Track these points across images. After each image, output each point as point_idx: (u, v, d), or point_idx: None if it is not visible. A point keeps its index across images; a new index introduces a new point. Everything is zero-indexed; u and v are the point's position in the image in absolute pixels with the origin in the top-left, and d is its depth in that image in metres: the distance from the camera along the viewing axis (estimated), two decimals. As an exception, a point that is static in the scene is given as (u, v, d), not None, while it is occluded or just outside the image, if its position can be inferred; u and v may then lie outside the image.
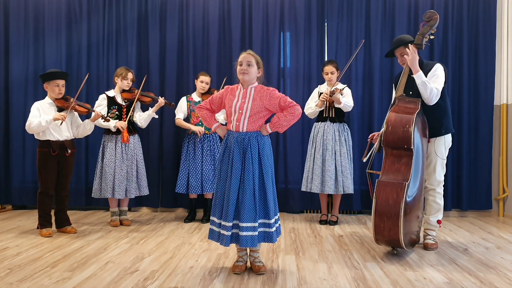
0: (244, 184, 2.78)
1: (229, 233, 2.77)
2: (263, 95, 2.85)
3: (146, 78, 4.65)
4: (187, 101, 4.63)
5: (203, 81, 4.58)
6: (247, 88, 2.88)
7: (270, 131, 2.88)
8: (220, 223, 2.83)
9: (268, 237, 2.84)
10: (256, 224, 2.78)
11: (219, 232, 2.83)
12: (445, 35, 4.98)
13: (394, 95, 3.74)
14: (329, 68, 4.42)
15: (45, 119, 3.83)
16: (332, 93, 4.25)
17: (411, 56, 3.31)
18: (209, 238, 2.91)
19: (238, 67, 2.87)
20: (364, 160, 3.52)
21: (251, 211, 2.77)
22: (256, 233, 2.78)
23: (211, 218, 2.91)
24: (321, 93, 4.47)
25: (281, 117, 2.85)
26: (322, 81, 4.82)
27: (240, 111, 2.83)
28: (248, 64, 2.83)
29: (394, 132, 3.19)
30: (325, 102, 4.38)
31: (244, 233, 2.75)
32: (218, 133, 2.97)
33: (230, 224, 2.77)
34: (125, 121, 4.37)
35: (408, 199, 3.12)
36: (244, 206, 2.76)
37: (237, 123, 2.84)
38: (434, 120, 3.41)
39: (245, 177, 2.78)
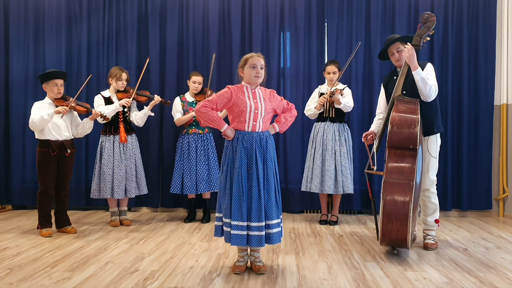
0: (269, 183, 2.84)
1: (263, 232, 2.79)
2: (271, 97, 2.98)
3: (148, 62, 4.70)
4: (181, 101, 4.63)
5: (195, 81, 4.57)
6: (255, 89, 2.93)
7: (278, 131, 3.02)
8: (247, 225, 2.79)
9: (281, 232, 2.94)
10: (279, 220, 2.89)
11: (247, 234, 2.79)
12: (445, 35, 4.98)
13: (382, 94, 3.75)
14: (331, 68, 4.42)
15: (46, 112, 3.83)
16: (332, 94, 4.25)
17: (408, 53, 3.29)
18: (233, 244, 2.79)
19: (250, 69, 2.88)
20: (375, 168, 3.51)
21: (275, 208, 2.85)
22: (280, 228, 2.88)
23: (233, 223, 2.77)
24: (321, 94, 4.47)
25: (288, 118, 3.05)
26: (322, 81, 4.81)
27: (256, 111, 2.86)
28: (261, 67, 2.91)
29: (400, 132, 3.18)
30: (325, 104, 4.38)
31: (274, 230, 2.82)
32: (228, 134, 2.87)
33: (263, 223, 2.79)
34: (121, 121, 4.36)
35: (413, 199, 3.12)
36: (270, 204, 2.82)
37: (254, 123, 2.87)
38: (427, 119, 3.41)
39: (269, 176, 2.85)
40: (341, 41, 5.07)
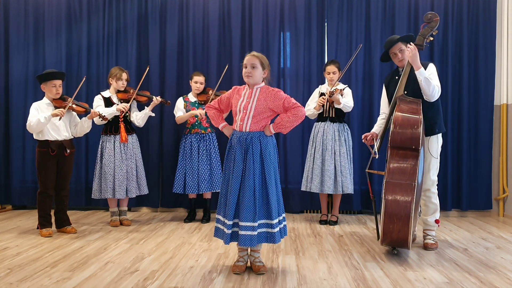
0: (244, 184, 2.80)
1: (229, 231, 2.81)
2: (268, 95, 2.86)
3: (148, 70, 4.69)
4: (184, 101, 4.64)
5: (197, 82, 4.58)
6: (253, 88, 2.91)
7: (273, 132, 2.89)
8: (224, 221, 2.87)
9: (271, 238, 2.84)
10: (256, 224, 2.78)
11: (223, 230, 2.87)
12: (445, 35, 4.98)
13: (384, 95, 3.75)
14: (331, 68, 4.42)
15: (43, 115, 3.82)
16: (331, 94, 4.25)
17: (411, 53, 3.28)
18: (214, 236, 2.96)
19: (243, 69, 2.89)
20: (376, 156, 3.48)
21: (250, 210, 2.78)
22: (255, 233, 2.78)
23: (216, 216, 2.95)
24: (321, 93, 4.47)
25: (284, 118, 2.85)
26: (322, 81, 4.81)
27: (244, 111, 2.85)
28: (253, 67, 2.85)
29: (403, 132, 3.18)
30: (325, 104, 4.38)
31: (243, 232, 2.77)
32: (225, 132, 3.00)
33: (231, 222, 2.80)
34: (121, 121, 4.36)
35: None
36: (243, 205, 2.78)
37: (241, 123, 2.87)
38: (428, 119, 3.41)
39: (246, 176, 2.80)
40: (341, 41, 5.07)
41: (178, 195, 4.99)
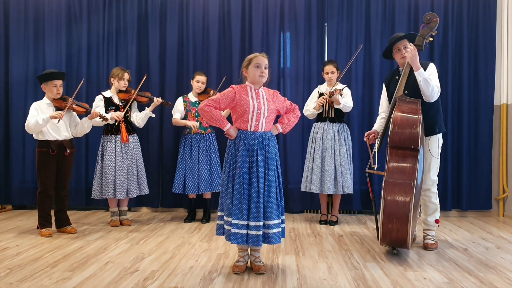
0: (269, 183, 2.84)
1: (261, 232, 2.80)
2: (274, 97, 2.98)
3: (146, 78, 4.64)
4: (184, 101, 4.64)
5: (199, 81, 4.58)
6: (258, 89, 2.94)
7: (280, 131, 3.03)
8: (247, 224, 2.80)
9: (283, 233, 2.94)
10: (280, 221, 2.88)
11: (247, 233, 2.81)
12: (445, 35, 4.98)
13: (384, 94, 3.75)
14: (329, 68, 4.42)
15: (42, 117, 3.82)
16: (331, 94, 4.26)
17: (411, 53, 3.29)
18: (234, 242, 2.80)
19: (255, 69, 2.88)
20: (375, 167, 3.50)
21: (277, 208, 2.86)
22: (280, 229, 2.88)
23: (233, 221, 2.79)
24: (321, 93, 4.47)
25: (291, 119, 3.06)
26: (322, 81, 4.81)
27: (259, 112, 2.87)
28: (265, 67, 2.91)
29: (402, 132, 3.18)
30: (324, 104, 4.38)
31: (273, 231, 2.82)
32: (231, 133, 2.88)
33: (261, 223, 2.80)
34: (122, 120, 4.36)
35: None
36: (270, 204, 2.82)
37: (257, 123, 2.88)
38: (428, 119, 3.41)
39: (270, 176, 2.85)
40: (341, 41, 5.07)
41: (178, 195, 4.99)
